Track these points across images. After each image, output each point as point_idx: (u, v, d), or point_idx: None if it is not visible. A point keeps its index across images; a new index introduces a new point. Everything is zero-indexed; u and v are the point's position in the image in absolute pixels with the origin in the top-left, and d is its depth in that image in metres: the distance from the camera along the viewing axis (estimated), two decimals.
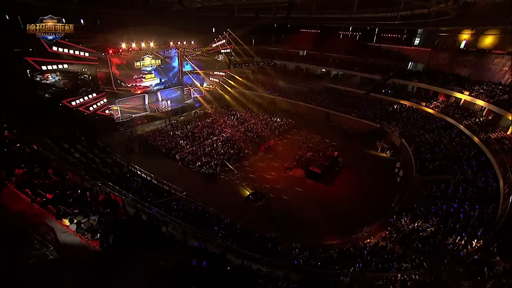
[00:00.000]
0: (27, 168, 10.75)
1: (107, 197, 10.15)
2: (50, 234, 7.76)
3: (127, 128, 32.68)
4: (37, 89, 30.37)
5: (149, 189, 19.30)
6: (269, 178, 24.73)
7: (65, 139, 24.35)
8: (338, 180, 25.35)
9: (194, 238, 8.97)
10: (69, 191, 9.65)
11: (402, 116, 32.26)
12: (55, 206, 8.32)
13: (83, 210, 8.50)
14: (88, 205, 9.06)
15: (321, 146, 30.15)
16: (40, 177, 10.98)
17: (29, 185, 9.36)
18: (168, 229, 8.71)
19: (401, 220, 16.90)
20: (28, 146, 14.09)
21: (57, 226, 8.17)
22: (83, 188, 10.65)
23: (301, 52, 47.75)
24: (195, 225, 14.89)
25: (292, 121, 36.78)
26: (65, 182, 10.86)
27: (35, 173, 10.92)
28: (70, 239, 7.71)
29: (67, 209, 8.40)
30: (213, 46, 40.11)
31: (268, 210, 20.30)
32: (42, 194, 9.04)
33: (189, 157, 26.55)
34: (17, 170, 10.55)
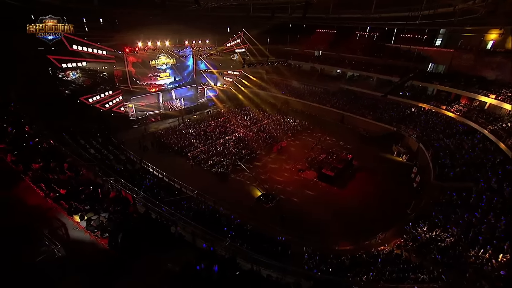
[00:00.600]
0: (43, 163, 10.96)
1: (118, 194, 10.18)
2: (61, 229, 7.82)
3: (141, 125, 33.21)
4: (59, 85, 31.42)
5: (160, 187, 19.43)
6: (281, 179, 24.40)
7: (81, 135, 24.96)
8: (351, 183, 24.71)
9: (203, 239, 8.81)
10: (81, 187, 9.74)
11: (420, 119, 31.09)
12: (67, 202, 8.38)
13: (94, 207, 8.53)
14: (99, 201, 9.09)
15: (334, 149, 29.49)
16: (55, 172, 11.17)
17: (44, 179, 9.52)
18: (177, 229, 8.61)
19: (417, 228, 16.18)
20: (45, 141, 14.42)
21: (69, 222, 8.21)
22: (95, 185, 10.73)
23: (316, 52, 47.00)
24: (205, 225, 14.88)
25: (306, 122, 36.26)
26: (78, 178, 10.99)
27: (50, 168, 11.12)
28: (80, 236, 7.72)
29: (78, 205, 8.45)
30: (228, 46, 40.16)
31: (278, 212, 19.97)
32: (55, 189, 9.15)
33: (201, 156, 26.62)
34: (34, 164, 10.76)
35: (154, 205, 12.40)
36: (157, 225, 8.80)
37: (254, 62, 30.90)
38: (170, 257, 7.59)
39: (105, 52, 29.80)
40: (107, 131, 28.46)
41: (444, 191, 19.48)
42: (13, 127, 15.55)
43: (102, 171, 16.59)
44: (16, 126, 16.25)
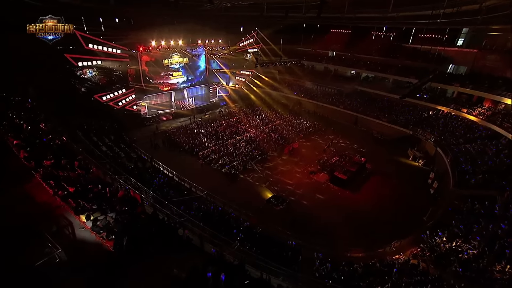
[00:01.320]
0: (54, 160, 10.95)
1: (126, 193, 10.01)
2: (68, 228, 7.68)
3: (153, 124, 33.42)
4: (75, 83, 32.02)
5: (170, 186, 19.33)
6: (292, 181, 23.86)
7: (94, 132, 25.26)
8: (365, 188, 23.91)
9: (211, 243, 8.48)
10: (90, 185, 9.62)
11: (438, 123, 29.80)
12: (75, 200, 8.25)
13: (102, 206, 8.35)
14: (107, 201, 8.92)
15: (346, 151, 28.70)
16: (66, 169, 11.14)
17: (54, 177, 9.45)
18: (185, 232, 8.32)
19: (435, 237, 15.31)
20: (58, 138, 14.51)
21: (76, 221, 8.07)
22: (104, 183, 10.61)
23: (330, 53, 46.13)
24: (214, 226, 14.65)
25: (318, 123, 35.55)
26: (88, 176, 10.92)
27: (61, 165, 11.10)
28: (86, 236, 7.55)
29: (86, 203, 8.29)
30: (241, 45, 39.92)
31: (289, 214, 19.46)
32: (64, 187, 9.06)
33: (211, 155, 26.45)
34: (45, 161, 10.76)
35: (163, 206, 12.24)
36: (165, 227, 8.54)
37: (267, 62, 30.46)
38: (177, 262, 7.29)
39: (120, 51, 30.11)
40: (119, 129, 28.73)
41: (464, 199, 18.45)
42: (28, 123, 15.80)
43: (113, 169, 16.67)
44: (32, 122, 16.53)
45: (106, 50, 28.99)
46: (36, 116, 18.76)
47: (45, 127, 16.65)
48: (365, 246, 16.72)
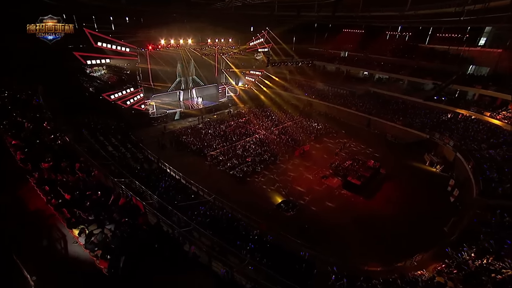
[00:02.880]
0: (53, 162, 10.09)
1: (128, 200, 9.07)
2: (60, 242, 6.76)
3: (161, 123, 32.70)
4: (84, 81, 31.66)
5: (176, 189, 18.42)
6: (302, 185, 22.68)
7: (101, 131, 24.62)
8: (379, 194, 22.56)
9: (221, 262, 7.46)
10: (89, 191, 8.70)
11: (458, 126, 28.09)
12: (70, 210, 7.32)
13: (99, 217, 7.40)
14: (106, 210, 7.97)
15: (357, 156, 27.30)
16: (65, 172, 10.28)
17: (49, 181, 8.56)
18: (192, 249, 7.32)
19: (462, 252, 13.91)
20: (61, 138, 13.73)
21: (70, 233, 7.13)
22: (105, 188, 9.70)
23: (342, 53, 44.63)
24: (222, 234, 13.69)
25: (330, 125, 34.22)
26: (88, 180, 10.02)
27: (60, 168, 10.25)
28: (80, 252, 6.59)
29: (82, 213, 7.36)
30: (251, 45, 38.89)
31: (299, 221, 18.29)
32: (60, 193, 8.16)
33: (220, 157, 25.50)
34: (43, 163, 9.91)
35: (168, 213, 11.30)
36: (169, 241, 7.54)
37: (278, 62, 29.36)
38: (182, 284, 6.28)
39: (128, 49, 29.47)
40: (126, 128, 28.08)
41: (491, 210, 16.92)
42: (31, 122, 15.12)
43: (117, 171, 15.85)
44: (35, 121, 15.85)
45: (115, 48, 28.38)
46: (41, 114, 18.15)
47: (49, 126, 15.95)
48: (383, 258, 15.46)
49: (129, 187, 13.13)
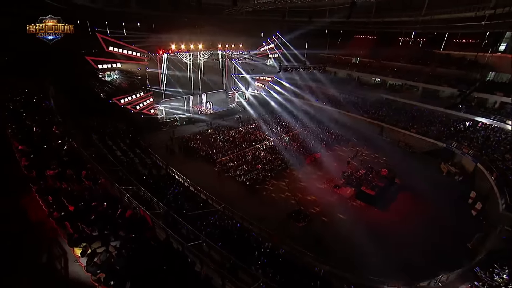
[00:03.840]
0: (59, 170, 9.53)
1: (135, 212, 8.40)
2: (60, 260, 6.12)
3: (170, 128, 32.31)
4: (95, 86, 31.57)
5: (185, 197, 17.74)
6: (314, 194, 21.73)
7: (110, 136, 24.27)
8: (394, 205, 21.41)
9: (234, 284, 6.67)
10: (94, 202, 8.07)
11: (477, 135, 26.79)
12: (73, 224, 6.69)
13: (104, 232, 6.73)
14: (111, 223, 7.30)
15: (370, 164, 26.22)
16: (71, 180, 9.72)
17: (53, 191, 7.97)
18: (203, 272, 6.56)
19: (494, 274, 12.74)
20: (68, 143, 13.25)
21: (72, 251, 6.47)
22: (111, 198, 9.07)
23: (354, 59, 43.74)
24: (233, 247, 12.92)
25: (341, 133, 33.23)
26: (94, 189, 9.41)
27: (66, 176, 9.68)
28: (82, 273, 5.91)
29: (86, 227, 6.71)
30: (262, 50, 38.49)
31: (311, 233, 17.43)
32: (64, 204, 7.55)
33: (229, 163, 24.81)
34: (49, 171, 9.37)
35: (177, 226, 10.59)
36: (179, 260, 6.81)
37: (289, 68, 28.80)
38: None
39: (139, 54, 29.37)
40: (135, 132, 27.73)
41: None
42: (40, 126, 14.76)
43: (125, 177, 15.29)
44: (44, 125, 15.49)
45: (126, 52, 28.30)
46: (51, 118, 17.85)
47: (58, 130, 15.57)
48: (404, 277, 14.32)
49: (136, 195, 12.51)
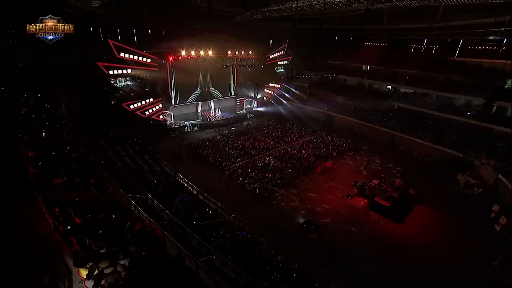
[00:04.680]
0: (67, 178, 9.14)
1: (145, 226, 7.89)
2: (65, 281, 5.60)
3: (179, 134, 32.06)
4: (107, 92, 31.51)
5: (194, 205, 17.21)
6: (325, 204, 21.02)
7: (119, 141, 24.06)
8: (410, 218, 20.38)
9: None
10: (102, 214, 7.59)
11: (497, 145, 25.68)
12: (79, 240, 6.19)
13: (112, 249, 6.22)
14: (120, 238, 6.80)
15: (382, 174, 25.26)
16: (79, 189, 9.30)
17: (59, 202, 7.53)
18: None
19: None
20: (77, 149, 12.93)
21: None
22: (120, 210, 8.60)
23: (364, 66, 43.07)
24: (244, 260, 12.31)
25: (352, 141, 32.42)
26: (102, 199, 8.97)
27: (74, 184, 9.28)
28: None
29: (93, 243, 6.21)
30: (271, 57, 38.25)
31: (324, 245, 16.65)
32: (70, 216, 7.10)
33: (238, 171, 24.27)
34: (56, 179, 8.97)
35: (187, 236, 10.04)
36: (193, 282, 6.22)
37: (299, 75, 28.38)
38: None
39: (150, 60, 29.44)
40: (144, 138, 27.52)
41: None
42: (50, 132, 14.53)
43: (134, 186, 14.88)
44: (55, 131, 15.29)
45: (136, 58, 28.41)
46: (61, 124, 17.70)
47: (68, 136, 15.35)
48: None
49: (145, 204, 12.04)
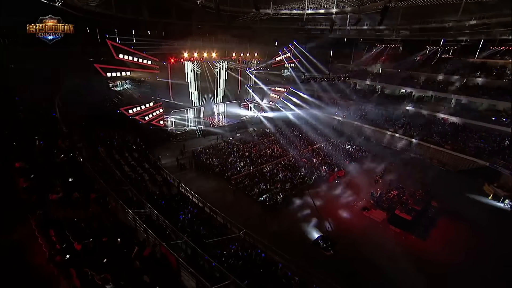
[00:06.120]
0: (63, 193, 8.35)
1: (155, 250, 7.07)
2: None
3: (180, 141, 31.33)
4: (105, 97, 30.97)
5: (201, 220, 16.34)
6: (340, 217, 20.29)
7: (117, 149, 23.32)
8: (434, 233, 19.49)
9: None
10: (105, 238, 6.79)
11: None
12: (80, 272, 5.37)
13: (119, 283, 5.40)
14: (128, 267, 5.99)
15: (400, 184, 24.37)
16: (77, 205, 8.52)
17: (55, 223, 6.73)
18: None
19: None
20: (73, 159, 12.16)
21: None
22: (124, 229, 7.80)
23: (376, 69, 42.58)
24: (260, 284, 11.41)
25: (365, 148, 31.64)
26: (104, 216, 8.18)
27: (72, 200, 8.50)
28: None
29: (96, 275, 5.41)
30: (278, 60, 37.79)
31: (341, 262, 15.76)
32: (68, 240, 6.31)
33: (245, 181, 23.45)
34: (51, 195, 8.19)
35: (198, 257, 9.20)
36: None
37: (310, 78, 27.91)
38: None
39: (150, 62, 28.88)
40: (144, 145, 26.79)
41: None
42: (44, 140, 13.80)
43: (135, 199, 14.07)
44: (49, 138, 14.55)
45: (136, 60, 27.83)
46: (56, 130, 17.01)
47: (63, 143, 14.61)
48: None
49: (149, 221, 11.21)
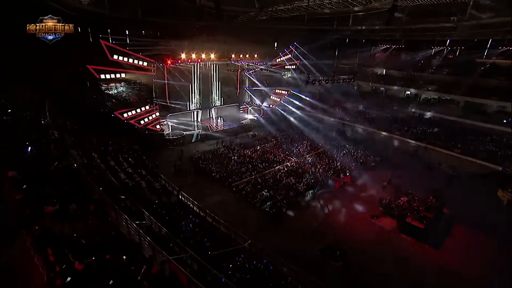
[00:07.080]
0: (59, 206, 7.90)
1: (164, 268, 6.65)
2: None
3: (177, 146, 30.90)
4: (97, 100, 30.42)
5: (204, 230, 15.88)
6: (347, 225, 20.04)
7: (112, 155, 22.83)
8: (450, 242, 19.17)
9: None
10: (108, 255, 6.37)
11: None
12: None
13: None
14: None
15: (409, 190, 24.12)
16: (75, 218, 8.08)
17: (53, 240, 6.27)
18: None
19: None
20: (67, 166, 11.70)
21: None
22: (127, 245, 7.37)
23: (380, 70, 42.69)
24: None
25: (371, 153, 31.47)
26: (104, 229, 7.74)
27: (69, 213, 8.05)
28: None
29: None
30: (278, 61, 37.72)
31: (351, 274, 15.55)
32: (68, 259, 5.87)
33: (247, 188, 23.08)
34: (46, 207, 7.74)
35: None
36: None
37: (313, 80, 27.78)
38: None
39: (146, 63, 28.58)
40: (140, 151, 26.31)
41: None
42: (35, 146, 13.33)
43: (134, 208, 13.60)
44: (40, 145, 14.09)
45: (131, 61, 27.52)
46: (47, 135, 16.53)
47: (56, 149, 14.14)
48: None
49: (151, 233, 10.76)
